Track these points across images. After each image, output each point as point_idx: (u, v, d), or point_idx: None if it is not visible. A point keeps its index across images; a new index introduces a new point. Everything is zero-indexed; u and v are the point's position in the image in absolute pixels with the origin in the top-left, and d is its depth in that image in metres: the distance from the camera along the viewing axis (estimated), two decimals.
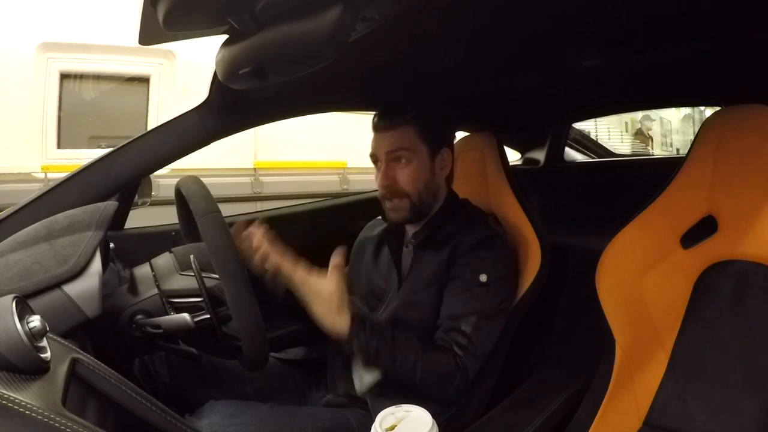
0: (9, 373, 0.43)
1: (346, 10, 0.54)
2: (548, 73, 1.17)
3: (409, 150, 0.99)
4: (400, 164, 1.00)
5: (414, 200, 1.01)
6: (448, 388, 0.91)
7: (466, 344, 0.92)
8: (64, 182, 0.90)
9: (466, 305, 0.94)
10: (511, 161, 1.54)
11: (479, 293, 0.94)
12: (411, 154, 0.99)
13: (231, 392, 1.02)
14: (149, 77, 3.01)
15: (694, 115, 6.31)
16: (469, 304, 0.94)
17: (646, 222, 0.96)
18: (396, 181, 1.00)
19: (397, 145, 0.99)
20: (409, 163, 1.00)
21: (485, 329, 0.94)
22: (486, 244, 0.98)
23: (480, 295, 0.94)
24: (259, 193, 3.32)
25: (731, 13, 0.78)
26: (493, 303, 0.95)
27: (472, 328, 0.92)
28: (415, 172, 1.00)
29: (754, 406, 0.82)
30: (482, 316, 0.93)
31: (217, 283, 0.84)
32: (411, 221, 1.05)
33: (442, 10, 0.74)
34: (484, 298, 0.94)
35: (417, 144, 1.00)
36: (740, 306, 0.87)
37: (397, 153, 0.99)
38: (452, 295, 0.96)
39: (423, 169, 1.01)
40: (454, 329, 0.93)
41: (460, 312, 0.94)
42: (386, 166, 1.01)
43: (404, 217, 1.03)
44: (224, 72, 0.71)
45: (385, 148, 1.01)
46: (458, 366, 0.91)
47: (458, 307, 0.94)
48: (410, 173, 1.00)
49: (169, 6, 0.57)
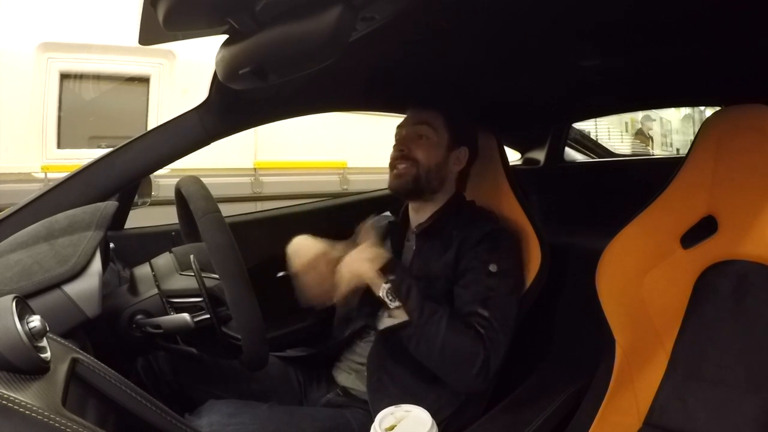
0: (9, 373, 0.43)
1: (346, 10, 0.54)
2: (548, 73, 1.17)
3: (433, 128, 1.07)
4: (420, 139, 1.06)
5: (420, 171, 1.05)
6: (468, 369, 0.87)
7: (487, 324, 0.91)
8: (64, 182, 0.90)
9: (480, 293, 0.94)
10: (511, 161, 1.53)
11: (491, 283, 0.95)
12: (433, 132, 1.06)
13: (234, 390, 1.02)
14: (149, 77, 3.01)
15: (694, 115, 6.31)
16: (482, 293, 0.94)
17: (646, 222, 0.96)
18: (411, 148, 1.06)
19: (425, 119, 1.07)
20: (427, 140, 1.06)
21: (500, 313, 0.93)
22: (493, 236, 1.00)
23: (492, 285, 0.95)
24: (259, 193, 3.31)
25: (731, 13, 0.78)
26: (505, 291, 0.96)
27: (490, 312, 0.92)
28: (430, 148, 1.06)
29: (754, 405, 0.82)
30: (495, 303, 0.94)
31: (217, 283, 0.84)
32: (410, 194, 1.08)
33: (442, 11, 0.74)
34: (496, 287, 0.95)
35: (440, 129, 1.07)
36: (740, 306, 0.87)
37: (422, 127, 1.07)
38: (464, 287, 0.97)
39: (438, 151, 1.07)
40: (472, 314, 0.92)
41: (474, 299, 0.94)
42: (406, 135, 1.08)
43: (406, 184, 1.05)
44: (224, 72, 0.71)
45: (413, 120, 1.09)
46: (483, 346, 0.88)
47: (472, 296, 0.95)
48: (425, 148, 1.06)
49: (169, 6, 0.57)
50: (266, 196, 3.32)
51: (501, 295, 0.95)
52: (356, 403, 1.03)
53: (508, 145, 1.71)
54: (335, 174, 3.67)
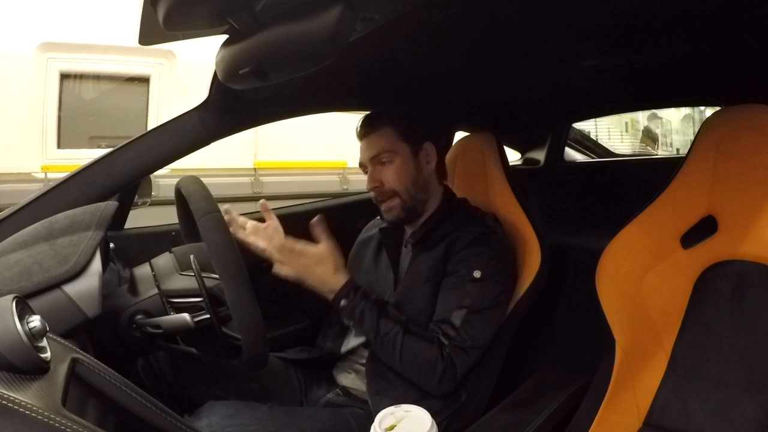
0: (9, 373, 0.43)
1: (346, 10, 0.54)
2: (548, 73, 1.17)
3: (390, 151, 1.03)
4: (384, 166, 1.03)
5: (404, 197, 1.03)
6: (430, 376, 0.91)
7: (454, 336, 0.93)
8: (64, 182, 0.90)
9: (458, 300, 0.95)
10: (511, 161, 1.54)
11: (472, 289, 0.95)
12: (392, 154, 1.03)
13: (234, 390, 1.02)
14: (149, 77, 3.01)
15: (694, 115, 6.31)
16: (461, 299, 0.95)
17: (646, 222, 0.95)
18: (382, 182, 1.03)
19: (379, 149, 1.03)
20: (391, 164, 1.03)
21: (475, 324, 0.94)
22: (482, 241, 0.99)
23: (473, 291, 0.95)
24: (259, 193, 3.31)
25: (731, 13, 0.78)
26: (485, 299, 0.96)
27: (461, 322, 0.93)
28: (398, 170, 1.03)
29: (754, 406, 0.82)
30: (473, 311, 0.94)
31: (217, 283, 0.84)
32: (407, 220, 1.06)
33: (442, 11, 0.74)
34: (476, 293, 0.95)
35: (396, 144, 1.03)
36: (740, 306, 0.87)
37: (380, 156, 1.03)
38: (446, 290, 0.97)
39: (406, 166, 1.04)
40: (444, 321, 0.94)
41: (451, 306, 0.95)
42: (372, 170, 1.04)
43: (399, 216, 1.04)
44: (224, 72, 0.71)
45: (368, 154, 1.04)
46: (442, 355, 0.91)
47: (450, 302, 0.95)
48: (394, 172, 1.03)
49: (169, 6, 0.57)
50: (266, 196, 3.31)
51: (480, 302, 0.95)
52: (356, 403, 1.04)
53: (508, 145, 1.71)
54: (335, 174, 3.67)
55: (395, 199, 1.03)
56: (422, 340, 0.92)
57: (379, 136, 1.03)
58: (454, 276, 0.97)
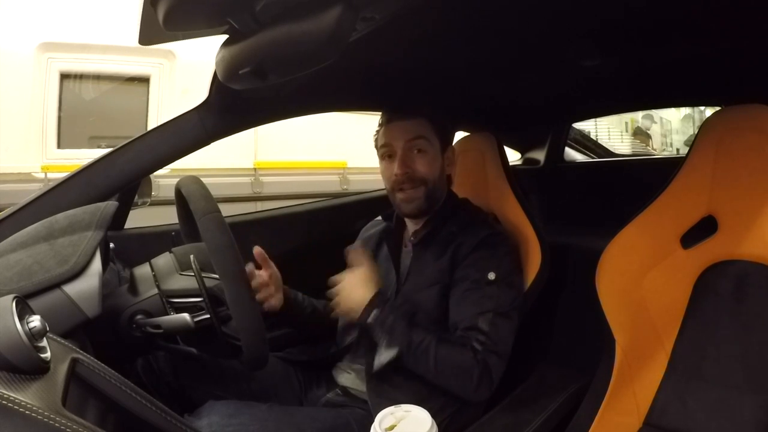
0: (9, 373, 0.43)
1: (346, 10, 0.54)
2: (548, 73, 1.17)
3: (427, 139, 1.02)
4: (418, 154, 1.02)
5: (429, 188, 1.03)
6: (468, 383, 0.89)
7: (485, 340, 0.91)
8: (64, 182, 0.90)
9: (479, 305, 0.93)
10: (511, 161, 1.53)
11: (491, 292, 0.94)
12: (428, 143, 1.02)
13: (234, 390, 1.02)
14: (149, 77, 3.01)
15: (694, 115, 6.32)
16: (483, 303, 0.93)
17: (646, 222, 0.95)
18: (414, 168, 1.01)
19: (417, 133, 1.01)
20: (426, 153, 1.02)
21: (502, 326, 0.93)
22: (489, 243, 0.99)
23: (492, 294, 0.94)
24: (259, 193, 3.32)
25: (731, 13, 0.78)
26: (506, 300, 0.95)
27: (489, 326, 0.91)
28: (431, 160, 1.03)
29: (754, 405, 0.82)
30: (498, 314, 0.93)
31: (217, 283, 0.84)
32: (423, 212, 1.05)
33: (442, 11, 0.74)
34: (497, 296, 0.94)
35: (432, 136, 1.03)
36: (740, 306, 0.87)
37: (416, 141, 1.01)
38: (463, 297, 0.95)
39: (437, 159, 1.04)
40: (472, 328, 0.92)
41: (476, 311, 0.93)
42: (403, 154, 1.02)
43: (419, 207, 1.03)
44: (224, 72, 0.71)
45: (404, 137, 1.02)
46: (476, 360, 0.89)
47: (473, 308, 0.93)
48: (428, 162, 1.02)
49: (169, 6, 0.57)
50: (266, 196, 3.32)
51: (503, 304, 0.94)
52: (356, 403, 1.03)
53: (508, 145, 1.71)
54: (335, 174, 3.67)
55: (420, 189, 1.02)
56: (455, 347, 0.90)
57: (417, 123, 1.02)
58: (467, 281, 0.96)
